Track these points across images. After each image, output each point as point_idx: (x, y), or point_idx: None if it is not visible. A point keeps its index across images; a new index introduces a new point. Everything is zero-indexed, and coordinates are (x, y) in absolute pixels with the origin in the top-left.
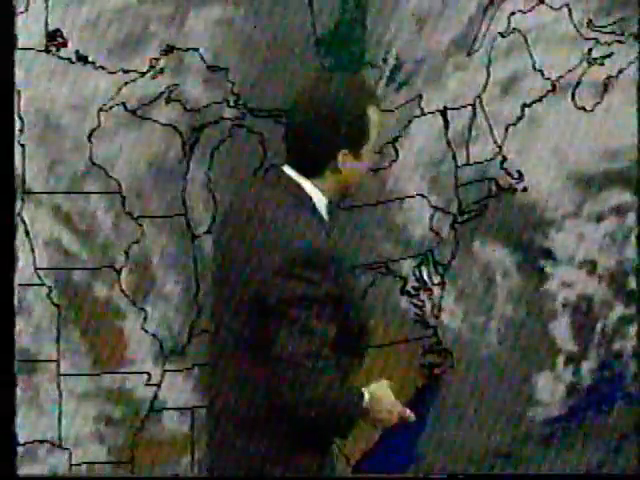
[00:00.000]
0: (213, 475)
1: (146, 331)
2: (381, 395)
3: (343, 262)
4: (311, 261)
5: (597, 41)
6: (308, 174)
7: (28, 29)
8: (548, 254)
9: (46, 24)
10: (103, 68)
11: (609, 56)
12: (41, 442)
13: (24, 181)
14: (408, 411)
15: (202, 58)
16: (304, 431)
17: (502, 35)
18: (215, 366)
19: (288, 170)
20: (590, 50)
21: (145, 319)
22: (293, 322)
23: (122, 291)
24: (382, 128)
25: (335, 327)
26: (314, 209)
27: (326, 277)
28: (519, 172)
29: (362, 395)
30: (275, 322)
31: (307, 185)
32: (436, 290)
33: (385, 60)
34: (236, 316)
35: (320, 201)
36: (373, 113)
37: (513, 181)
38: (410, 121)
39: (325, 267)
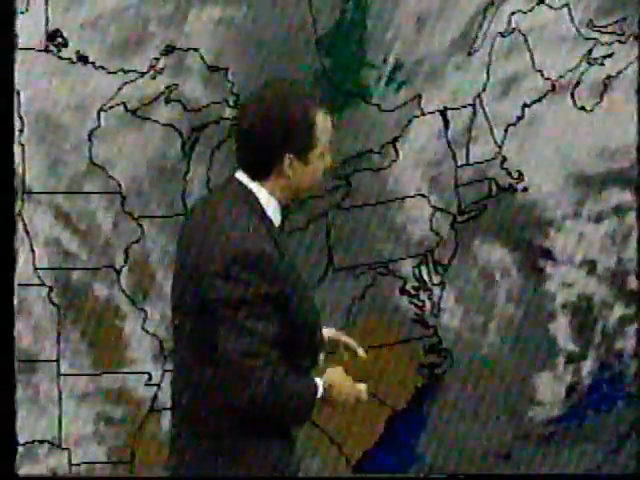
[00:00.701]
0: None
1: (146, 331)
2: (336, 380)
3: (288, 263)
4: (247, 262)
5: (597, 41)
6: (256, 177)
7: (28, 29)
8: (548, 254)
9: (46, 24)
10: (103, 68)
11: (609, 56)
12: (41, 442)
13: (24, 181)
14: (364, 393)
15: (202, 58)
16: (257, 423)
17: (502, 35)
18: (174, 368)
19: (239, 175)
20: (590, 50)
21: (145, 319)
22: (231, 322)
23: (122, 291)
24: (331, 134)
25: (275, 326)
26: (262, 212)
27: (263, 278)
28: (519, 172)
29: (314, 384)
30: (214, 323)
31: (255, 188)
32: (436, 290)
33: (385, 60)
34: (185, 318)
35: (269, 204)
36: (321, 119)
37: (513, 181)
38: (410, 121)
39: (262, 268)
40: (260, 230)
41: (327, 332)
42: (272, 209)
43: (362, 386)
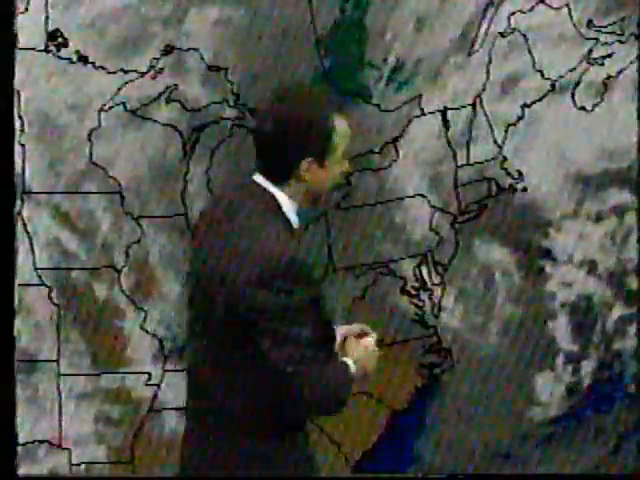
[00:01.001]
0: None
1: (146, 331)
2: (355, 352)
3: (311, 267)
4: (282, 271)
5: (597, 41)
6: (275, 181)
7: (28, 29)
8: (548, 254)
9: (46, 24)
10: (103, 68)
11: (609, 56)
12: (41, 442)
13: (24, 181)
14: (372, 343)
15: (202, 58)
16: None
17: (502, 35)
18: (192, 374)
19: (258, 178)
20: (590, 50)
21: (145, 319)
22: (275, 332)
23: (122, 291)
24: (348, 139)
25: (316, 328)
26: (283, 216)
27: (299, 284)
28: (519, 172)
29: (348, 367)
30: (253, 332)
31: (276, 192)
32: (436, 290)
33: (385, 60)
34: (210, 325)
35: (289, 208)
36: (340, 124)
37: (513, 181)
38: (410, 121)
39: (296, 275)
40: (288, 237)
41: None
42: (292, 212)
43: (368, 340)
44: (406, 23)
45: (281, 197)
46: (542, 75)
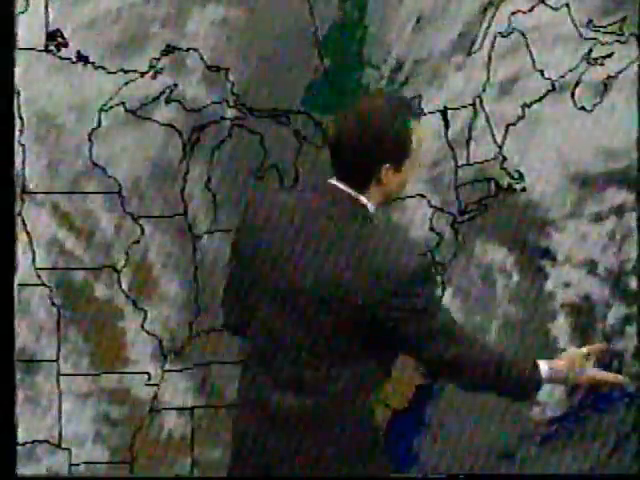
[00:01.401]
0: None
1: (146, 331)
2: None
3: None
4: (421, 272)
5: (597, 41)
6: (356, 187)
7: (28, 29)
8: (548, 254)
9: (46, 24)
10: (103, 68)
11: (609, 56)
12: (41, 442)
13: (24, 181)
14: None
15: (202, 58)
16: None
17: (502, 35)
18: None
19: (339, 184)
20: (590, 50)
21: (145, 319)
22: (427, 331)
23: (122, 291)
24: (422, 144)
25: (447, 314)
26: (371, 220)
27: (432, 279)
28: (519, 172)
29: (536, 367)
30: (392, 337)
31: (359, 197)
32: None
33: (385, 60)
34: (324, 335)
35: (372, 212)
36: (416, 128)
37: (513, 181)
38: None
39: (428, 269)
40: (415, 243)
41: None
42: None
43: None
44: (406, 23)
45: (365, 202)
46: (542, 75)
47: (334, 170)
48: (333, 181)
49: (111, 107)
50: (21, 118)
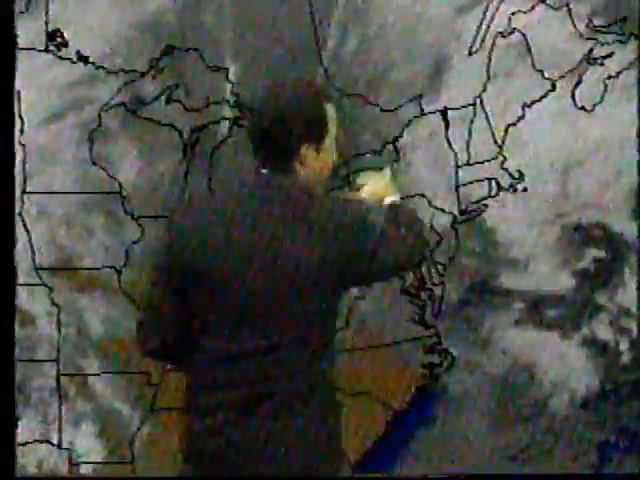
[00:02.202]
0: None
1: None
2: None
3: None
4: (365, 214)
5: (597, 41)
6: (282, 170)
7: (28, 29)
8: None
9: (46, 24)
10: (103, 68)
11: (609, 56)
12: (41, 442)
13: (24, 181)
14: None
15: (202, 58)
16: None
17: (502, 35)
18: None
19: (267, 171)
20: (590, 50)
21: None
22: (386, 241)
23: (122, 291)
24: (338, 126)
25: None
26: (312, 197)
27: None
28: (519, 172)
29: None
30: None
31: (291, 179)
32: (436, 290)
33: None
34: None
35: (307, 190)
36: (330, 110)
37: (513, 181)
38: (410, 121)
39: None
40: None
41: None
42: None
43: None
44: (406, 23)
45: (295, 181)
46: (542, 75)
47: (258, 159)
48: (262, 170)
49: (111, 107)
50: (21, 118)
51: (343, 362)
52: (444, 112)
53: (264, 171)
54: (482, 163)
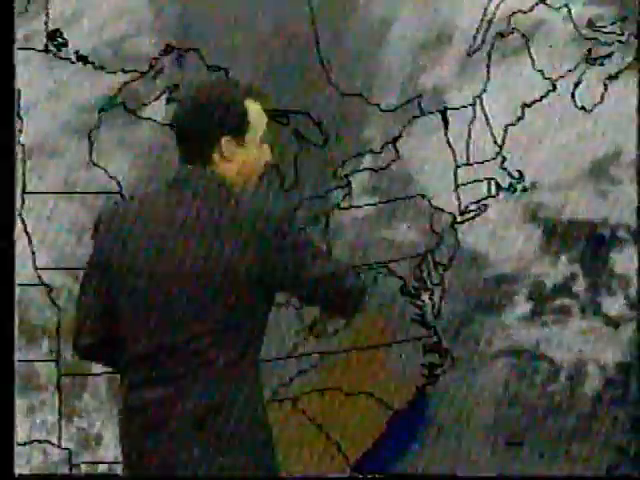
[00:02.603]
0: None
1: None
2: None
3: None
4: (290, 219)
5: (597, 41)
6: (201, 164)
7: (28, 29)
8: None
9: (46, 24)
10: (103, 68)
11: (609, 56)
12: (41, 442)
13: (24, 181)
14: None
15: (202, 58)
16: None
17: (502, 35)
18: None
19: (190, 166)
20: (590, 50)
21: None
22: (313, 256)
23: None
24: (264, 123)
25: None
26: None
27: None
28: (519, 172)
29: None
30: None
31: (214, 172)
32: (436, 290)
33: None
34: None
35: (230, 186)
36: (253, 107)
37: (513, 181)
38: (410, 121)
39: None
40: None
41: None
42: None
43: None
44: (406, 23)
45: (216, 175)
46: (542, 75)
47: (179, 153)
48: (188, 166)
49: (111, 107)
50: (21, 118)
51: (343, 362)
52: (444, 112)
53: (190, 167)
54: (482, 163)
